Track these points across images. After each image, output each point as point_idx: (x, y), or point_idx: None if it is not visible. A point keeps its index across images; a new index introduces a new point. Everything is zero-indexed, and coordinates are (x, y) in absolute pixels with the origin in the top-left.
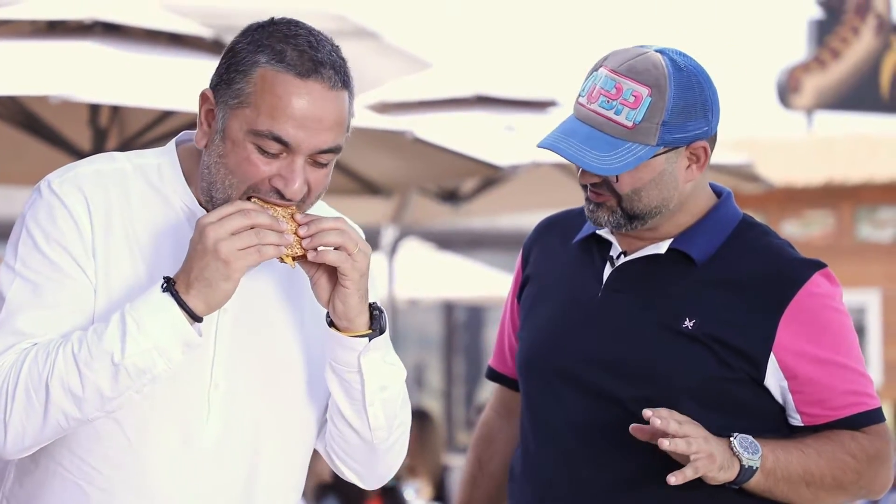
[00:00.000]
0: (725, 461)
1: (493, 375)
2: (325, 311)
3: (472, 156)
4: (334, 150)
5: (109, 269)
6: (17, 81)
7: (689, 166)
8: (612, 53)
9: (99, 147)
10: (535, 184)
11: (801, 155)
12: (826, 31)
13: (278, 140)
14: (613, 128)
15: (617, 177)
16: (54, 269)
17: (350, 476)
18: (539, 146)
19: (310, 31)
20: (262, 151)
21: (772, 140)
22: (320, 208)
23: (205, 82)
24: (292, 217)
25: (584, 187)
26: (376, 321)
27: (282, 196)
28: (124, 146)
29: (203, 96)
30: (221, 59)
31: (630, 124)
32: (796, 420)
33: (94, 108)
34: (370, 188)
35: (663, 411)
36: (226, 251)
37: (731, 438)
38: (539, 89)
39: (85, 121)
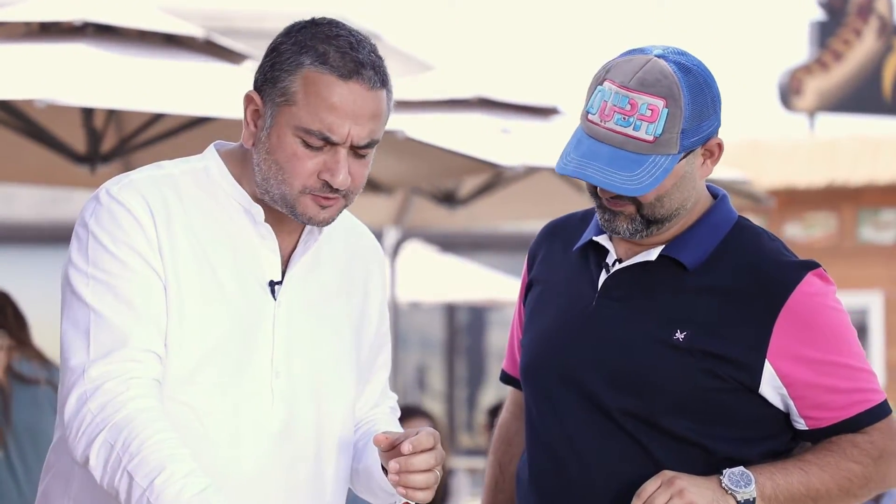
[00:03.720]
0: (718, 501)
1: (506, 378)
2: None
3: (468, 154)
4: (372, 144)
5: (177, 266)
6: (4, 85)
7: (703, 163)
8: (614, 65)
9: (94, 148)
10: (537, 190)
11: (803, 157)
12: (828, 33)
13: (322, 136)
14: (636, 144)
15: None
16: (125, 268)
17: None
18: (562, 173)
19: (350, 32)
20: (307, 146)
21: (773, 142)
22: (353, 227)
23: (198, 83)
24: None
25: (597, 196)
26: None
27: (330, 187)
28: (120, 147)
29: (248, 98)
30: (265, 59)
31: (651, 138)
32: (801, 424)
33: (87, 111)
34: (371, 186)
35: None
36: None
37: (721, 477)
38: (541, 95)
39: (78, 123)
